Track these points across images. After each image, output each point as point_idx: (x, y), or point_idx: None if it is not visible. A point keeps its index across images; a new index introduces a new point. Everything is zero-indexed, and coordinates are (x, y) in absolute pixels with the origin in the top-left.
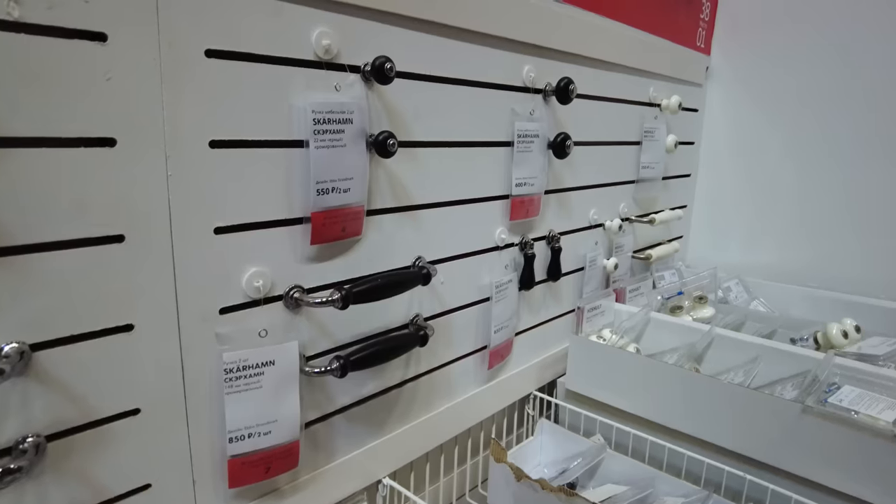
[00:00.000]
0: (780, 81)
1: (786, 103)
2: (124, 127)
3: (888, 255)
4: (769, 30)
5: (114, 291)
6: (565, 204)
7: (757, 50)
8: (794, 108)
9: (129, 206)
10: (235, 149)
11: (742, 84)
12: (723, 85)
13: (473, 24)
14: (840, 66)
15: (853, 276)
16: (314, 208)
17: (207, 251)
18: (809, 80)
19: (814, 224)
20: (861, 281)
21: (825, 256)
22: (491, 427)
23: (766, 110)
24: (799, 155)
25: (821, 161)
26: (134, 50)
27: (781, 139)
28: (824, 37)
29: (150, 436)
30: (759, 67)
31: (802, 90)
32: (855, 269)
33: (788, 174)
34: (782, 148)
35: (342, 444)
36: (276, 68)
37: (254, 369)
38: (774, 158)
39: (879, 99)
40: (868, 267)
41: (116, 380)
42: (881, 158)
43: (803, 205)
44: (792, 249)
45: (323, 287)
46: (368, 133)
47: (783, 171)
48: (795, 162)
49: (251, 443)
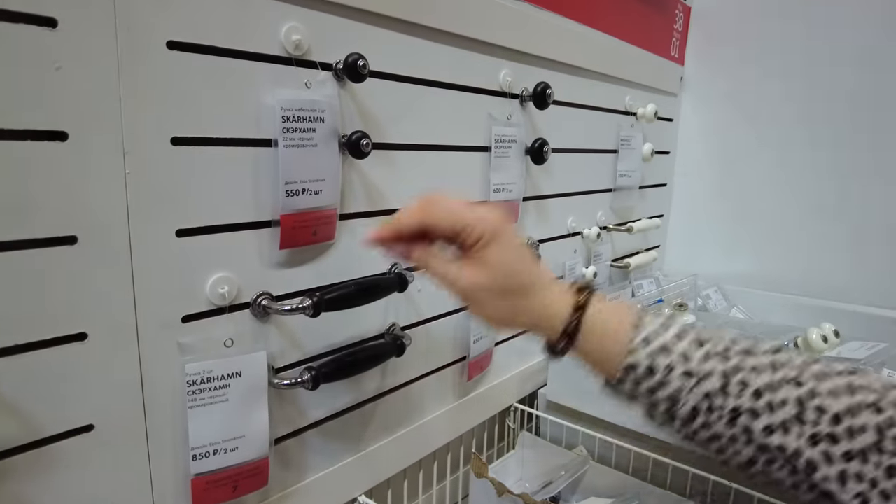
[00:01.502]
0: (751, 91)
1: (758, 113)
2: (76, 120)
3: (863, 262)
4: (740, 40)
5: (65, 297)
6: (543, 211)
7: (729, 60)
8: (766, 117)
9: (82, 206)
10: (200, 146)
11: (715, 94)
12: (697, 94)
13: (451, 25)
14: (810, 75)
15: (830, 282)
16: (283, 210)
17: (169, 255)
18: (780, 90)
19: (789, 232)
20: (837, 287)
21: (801, 263)
22: (471, 441)
23: (739, 120)
24: (773, 164)
25: (794, 170)
26: (87, 37)
27: (755, 148)
28: (794, 48)
29: (105, 454)
30: (732, 77)
31: (774, 100)
32: (831, 276)
33: (763, 183)
34: (756, 157)
35: (315, 460)
36: (243, 63)
37: (219, 381)
38: (749, 167)
39: (851, 107)
40: (844, 273)
41: (67, 393)
42: (855, 166)
43: (779, 213)
44: (768, 257)
45: (293, 294)
46: (341, 133)
47: (758, 180)
48: (769, 171)
49: (217, 460)
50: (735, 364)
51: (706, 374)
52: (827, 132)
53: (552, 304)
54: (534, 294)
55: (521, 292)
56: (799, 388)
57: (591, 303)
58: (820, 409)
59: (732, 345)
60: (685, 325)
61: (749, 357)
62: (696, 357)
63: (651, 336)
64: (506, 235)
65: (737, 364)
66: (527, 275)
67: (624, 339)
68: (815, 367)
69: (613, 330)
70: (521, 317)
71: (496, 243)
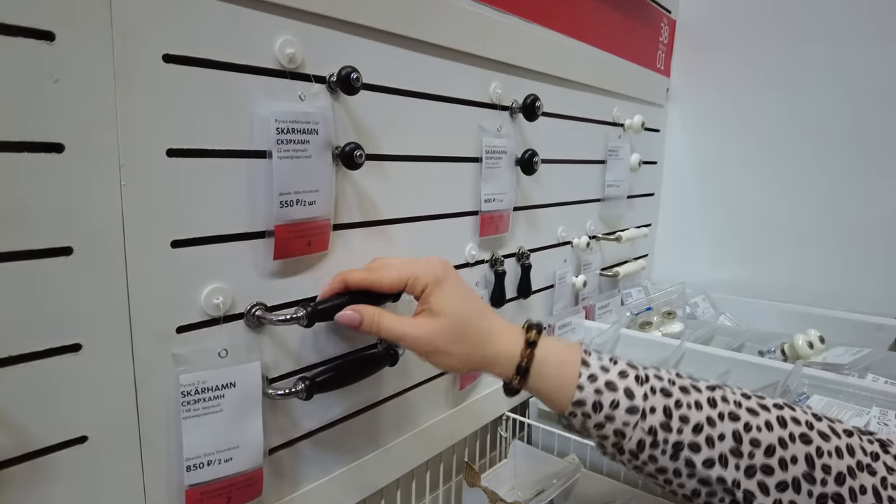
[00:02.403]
0: (736, 102)
1: (743, 123)
2: (73, 132)
3: (848, 270)
4: (725, 53)
5: (60, 308)
6: (534, 221)
7: (714, 72)
8: (750, 128)
9: (78, 217)
10: (195, 158)
11: (701, 104)
12: (682, 106)
13: (442, 39)
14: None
15: (815, 289)
16: (278, 221)
17: (164, 266)
18: (764, 101)
19: (774, 241)
20: (822, 294)
21: (787, 271)
22: (463, 451)
23: (724, 130)
24: (758, 174)
25: (779, 179)
26: (84, 51)
27: (740, 158)
28: (778, 59)
29: (99, 466)
30: (717, 88)
31: (758, 111)
32: (816, 283)
33: (748, 192)
34: (741, 167)
35: (309, 471)
36: (238, 76)
37: (213, 392)
38: (734, 177)
39: (835, 118)
40: (829, 280)
41: (61, 404)
42: (839, 175)
43: (764, 222)
44: (755, 265)
45: (287, 304)
46: (334, 145)
47: (743, 190)
48: (754, 180)
49: (211, 471)
50: (676, 399)
51: (650, 409)
52: (811, 142)
53: (505, 346)
54: (487, 337)
55: (474, 336)
56: (735, 423)
57: (540, 343)
58: (755, 442)
59: (673, 383)
60: (629, 362)
61: (689, 394)
62: (640, 394)
63: (597, 374)
64: (449, 281)
65: (678, 399)
66: (477, 318)
67: (572, 376)
68: (750, 402)
69: (563, 367)
70: (477, 359)
71: (441, 290)
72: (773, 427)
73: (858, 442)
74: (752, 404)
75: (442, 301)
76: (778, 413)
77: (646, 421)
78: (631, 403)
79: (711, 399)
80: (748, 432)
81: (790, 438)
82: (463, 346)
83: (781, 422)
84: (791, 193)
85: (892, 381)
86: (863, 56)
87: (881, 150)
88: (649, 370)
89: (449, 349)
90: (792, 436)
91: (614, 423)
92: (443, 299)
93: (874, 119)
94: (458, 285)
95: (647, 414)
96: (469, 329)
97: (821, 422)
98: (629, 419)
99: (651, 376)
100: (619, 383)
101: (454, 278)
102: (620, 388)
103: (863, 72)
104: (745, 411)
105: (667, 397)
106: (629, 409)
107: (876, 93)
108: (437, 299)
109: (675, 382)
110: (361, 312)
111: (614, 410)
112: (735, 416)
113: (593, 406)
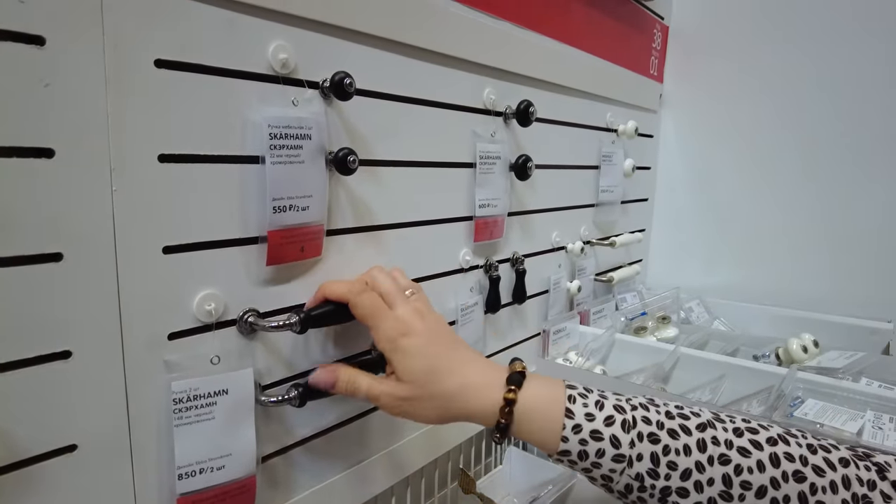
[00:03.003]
0: (729, 108)
1: (736, 129)
2: (64, 137)
3: (841, 274)
4: (717, 59)
5: (50, 315)
6: (528, 226)
7: (706, 78)
8: (743, 133)
9: (68, 223)
10: (187, 164)
11: (694, 110)
12: (676, 111)
13: (435, 45)
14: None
15: (809, 294)
16: (271, 227)
17: (155, 272)
18: (757, 107)
19: (768, 245)
20: (816, 298)
21: (781, 276)
22: (458, 458)
23: (717, 136)
24: (751, 179)
25: (771, 184)
26: (75, 55)
27: (734, 164)
28: (770, 65)
29: (89, 475)
30: (709, 94)
31: (750, 116)
32: (810, 288)
33: (742, 198)
34: (735, 172)
35: (302, 478)
36: (230, 81)
37: (205, 399)
38: (728, 183)
39: (827, 123)
40: (823, 285)
41: (50, 412)
42: (831, 181)
43: (758, 227)
44: (748, 270)
45: (280, 311)
46: (328, 150)
47: (737, 195)
48: (748, 186)
49: (203, 479)
50: (665, 445)
51: (637, 456)
52: (803, 149)
53: (482, 405)
54: (459, 395)
55: (445, 399)
56: (725, 466)
57: (520, 397)
58: (745, 485)
59: (662, 426)
60: (617, 403)
61: (678, 438)
62: (626, 441)
63: (582, 423)
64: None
65: (666, 445)
66: (445, 377)
67: (555, 430)
68: (742, 441)
69: (546, 421)
70: (453, 415)
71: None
72: (765, 468)
73: (855, 471)
74: (744, 443)
75: (401, 367)
76: (771, 451)
77: (633, 468)
78: (617, 452)
79: (701, 442)
80: (738, 475)
81: (783, 478)
82: (434, 408)
83: (774, 460)
84: (783, 199)
85: (886, 385)
86: (847, 64)
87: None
88: (637, 411)
89: (421, 413)
90: (785, 475)
91: (601, 470)
92: (404, 364)
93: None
94: (418, 344)
95: (634, 461)
96: (437, 391)
97: (816, 455)
98: (616, 466)
99: (639, 420)
100: (604, 432)
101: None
102: (606, 437)
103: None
104: (736, 452)
105: (654, 444)
106: (615, 458)
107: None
108: (398, 365)
109: (663, 426)
110: (337, 375)
111: (600, 459)
112: (725, 459)
113: (579, 455)
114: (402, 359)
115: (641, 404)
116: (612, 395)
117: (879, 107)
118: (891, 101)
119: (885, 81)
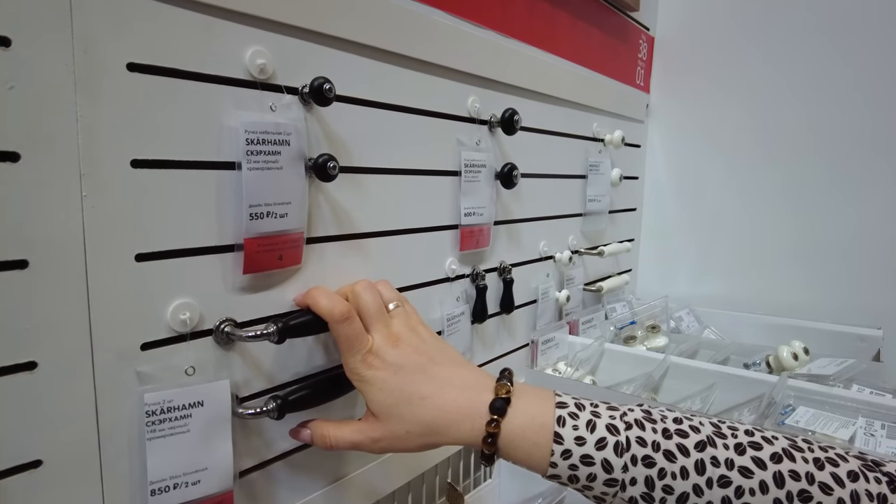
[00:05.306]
0: (715, 118)
1: (722, 138)
2: (30, 141)
3: (829, 281)
4: (703, 69)
5: (14, 324)
6: (515, 235)
7: (692, 88)
8: (729, 143)
9: (34, 229)
10: (161, 169)
11: (680, 120)
12: (662, 121)
13: (417, 52)
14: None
15: (798, 301)
16: (247, 234)
17: (127, 280)
18: (742, 117)
19: (757, 254)
20: (806, 306)
21: (770, 284)
22: (447, 471)
23: (703, 145)
24: (738, 188)
25: (759, 193)
26: (42, 58)
27: (721, 173)
28: (754, 75)
29: (54, 492)
30: (696, 104)
31: (737, 126)
32: (799, 295)
33: (730, 207)
34: (722, 181)
35: (282, 494)
36: (206, 86)
37: (180, 411)
38: (715, 192)
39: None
40: (812, 292)
41: (13, 426)
42: (816, 189)
43: (746, 236)
44: (738, 279)
45: (258, 321)
46: (307, 156)
47: (725, 204)
48: (735, 195)
49: (177, 494)
50: (660, 468)
51: (630, 481)
52: (788, 157)
53: (464, 435)
54: (439, 426)
55: (423, 433)
56: (725, 489)
57: (504, 424)
58: None
59: (658, 448)
60: (610, 422)
61: (675, 461)
62: (619, 465)
63: (572, 448)
64: (375, 370)
65: (662, 468)
66: (419, 411)
67: (544, 456)
68: (744, 460)
69: (534, 446)
70: (435, 441)
71: (366, 387)
72: (768, 489)
73: (864, 486)
74: (746, 462)
75: (369, 400)
76: (775, 469)
77: (626, 492)
78: (609, 476)
79: (699, 463)
80: (739, 497)
81: (787, 498)
82: (415, 437)
83: (778, 480)
84: (769, 208)
85: (877, 392)
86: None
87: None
88: (632, 431)
89: (403, 446)
90: (790, 495)
91: (593, 492)
92: (370, 397)
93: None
94: (383, 377)
95: (627, 486)
96: (411, 420)
97: (823, 471)
98: (608, 490)
99: (633, 441)
100: (595, 456)
101: (382, 366)
102: (598, 461)
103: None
104: (737, 473)
105: (649, 468)
106: (607, 482)
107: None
108: (366, 398)
109: (659, 447)
110: (311, 430)
111: (592, 482)
112: (726, 481)
113: (569, 479)
114: (368, 391)
115: (637, 421)
116: (605, 412)
117: (855, 117)
118: (866, 111)
119: (858, 95)
